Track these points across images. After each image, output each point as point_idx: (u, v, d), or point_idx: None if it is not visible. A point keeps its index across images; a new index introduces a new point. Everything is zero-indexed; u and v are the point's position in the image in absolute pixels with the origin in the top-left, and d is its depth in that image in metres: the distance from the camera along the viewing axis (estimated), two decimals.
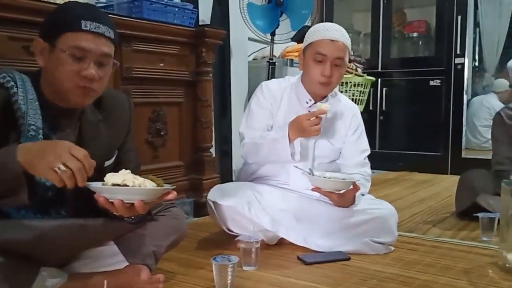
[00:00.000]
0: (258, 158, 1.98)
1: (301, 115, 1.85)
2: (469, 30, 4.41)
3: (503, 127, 2.49)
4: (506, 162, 2.45)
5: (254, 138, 1.95)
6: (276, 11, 3.07)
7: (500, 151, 2.50)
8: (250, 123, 2.01)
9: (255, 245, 1.66)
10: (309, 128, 1.81)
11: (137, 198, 1.19)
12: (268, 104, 2.02)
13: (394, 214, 1.94)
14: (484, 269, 1.72)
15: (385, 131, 4.58)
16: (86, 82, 1.25)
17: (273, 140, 1.89)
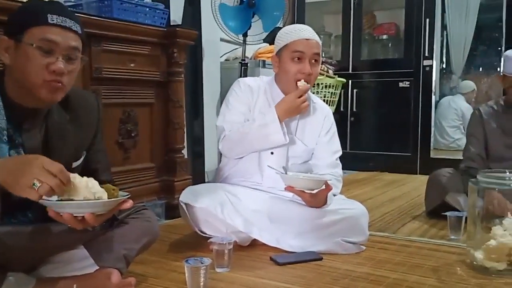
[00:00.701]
0: (242, 147, 1.98)
1: (288, 95, 1.92)
2: (437, 33, 4.51)
3: (480, 124, 2.51)
4: (477, 159, 2.47)
5: (236, 129, 1.95)
6: (248, 12, 3.07)
7: (473, 147, 2.50)
8: (229, 116, 2.00)
9: (228, 246, 1.66)
10: (300, 104, 1.90)
11: (87, 211, 1.17)
12: (246, 98, 2.03)
13: (365, 214, 1.96)
14: (452, 267, 1.76)
15: (356, 132, 4.64)
16: (54, 76, 1.23)
17: (262, 126, 1.91)
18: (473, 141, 2.52)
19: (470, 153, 2.51)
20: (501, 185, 1.74)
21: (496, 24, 5.20)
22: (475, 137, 2.52)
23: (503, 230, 1.67)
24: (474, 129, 2.53)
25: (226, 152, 2.03)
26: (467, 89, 5.46)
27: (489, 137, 2.47)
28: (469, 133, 2.58)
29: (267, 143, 1.95)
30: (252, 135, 1.93)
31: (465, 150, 2.56)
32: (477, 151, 2.49)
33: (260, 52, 3.53)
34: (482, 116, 2.50)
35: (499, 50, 5.12)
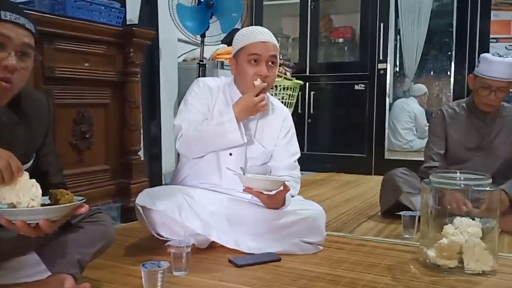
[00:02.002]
0: (199, 146, 1.95)
1: (245, 95, 1.91)
2: (390, 37, 4.64)
3: (442, 125, 2.57)
4: (438, 158, 2.53)
5: (193, 127, 1.93)
6: (206, 13, 3.06)
7: (435, 146, 2.55)
8: (188, 115, 1.98)
9: (186, 249, 1.64)
10: (257, 103, 1.89)
11: (41, 218, 1.13)
12: (205, 98, 2.01)
13: (322, 214, 1.98)
14: (407, 265, 1.80)
15: (313, 133, 4.70)
16: (6, 73, 1.18)
17: (219, 125, 1.89)
18: (435, 141, 2.58)
19: (432, 152, 2.56)
20: (452, 185, 1.80)
21: (446, 29, 5.40)
22: (437, 137, 2.58)
23: (454, 229, 1.73)
24: (437, 129, 2.59)
25: (183, 151, 2.01)
26: (419, 92, 5.65)
27: (449, 138, 2.54)
28: (432, 132, 2.62)
29: (224, 143, 1.94)
30: (209, 134, 1.91)
31: (427, 150, 2.61)
32: (439, 150, 2.55)
33: (219, 53, 3.52)
34: (445, 117, 2.57)
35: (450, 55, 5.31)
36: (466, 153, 2.51)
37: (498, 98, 2.35)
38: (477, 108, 2.48)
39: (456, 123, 2.53)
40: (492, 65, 2.32)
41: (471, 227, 1.71)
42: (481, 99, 2.39)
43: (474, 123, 2.50)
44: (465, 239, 1.70)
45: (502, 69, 2.30)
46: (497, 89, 2.32)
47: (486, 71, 2.33)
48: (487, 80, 2.33)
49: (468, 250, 1.69)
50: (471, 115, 2.51)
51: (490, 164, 2.46)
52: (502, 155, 2.47)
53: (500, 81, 2.31)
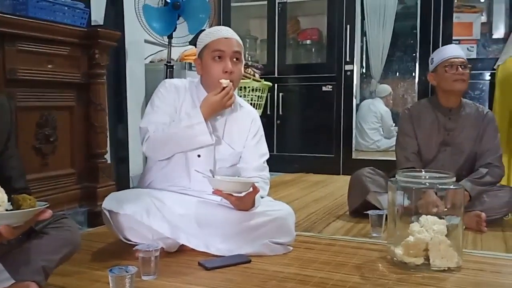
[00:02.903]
0: (167, 148, 1.93)
1: (210, 93, 1.91)
2: (357, 39, 4.70)
3: (411, 122, 2.62)
4: (412, 157, 2.57)
5: (160, 130, 1.90)
6: (173, 14, 3.03)
7: (408, 145, 2.59)
8: (154, 117, 1.95)
9: (154, 253, 1.62)
10: (222, 99, 1.88)
11: (2, 223, 1.10)
12: (172, 99, 1.99)
13: (292, 214, 1.99)
14: (375, 264, 1.83)
15: (282, 134, 4.72)
16: None
17: (188, 127, 1.87)
18: (407, 140, 2.61)
19: (406, 153, 2.59)
20: (417, 184, 1.84)
21: (411, 31, 5.52)
22: (408, 136, 2.61)
23: (420, 227, 1.77)
24: (406, 128, 2.63)
25: (150, 154, 1.98)
26: (384, 93, 5.75)
27: (418, 136, 2.60)
28: (402, 132, 2.65)
29: (194, 144, 1.93)
30: (178, 136, 1.89)
31: (400, 151, 2.63)
32: (413, 149, 2.59)
33: (186, 55, 3.50)
34: (412, 116, 2.63)
35: (414, 56, 5.43)
36: (433, 150, 2.57)
37: (466, 73, 2.47)
38: (441, 105, 2.56)
39: (423, 121, 2.59)
40: (446, 48, 2.58)
41: (436, 225, 1.75)
42: (452, 77, 2.47)
43: (439, 120, 2.57)
44: (431, 236, 1.73)
45: (456, 49, 2.56)
46: (461, 63, 2.47)
47: (444, 55, 2.51)
48: (449, 60, 2.49)
49: (433, 248, 1.73)
50: (436, 112, 2.57)
51: (456, 159, 2.55)
52: (467, 150, 2.55)
53: (459, 57, 2.49)
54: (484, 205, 2.39)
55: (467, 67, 2.49)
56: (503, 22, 4.59)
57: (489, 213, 2.36)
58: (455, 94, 2.52)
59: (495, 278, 1.68)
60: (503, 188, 2.53)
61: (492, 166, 2.48)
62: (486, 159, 2.50)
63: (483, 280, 1.66)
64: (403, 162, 2.58)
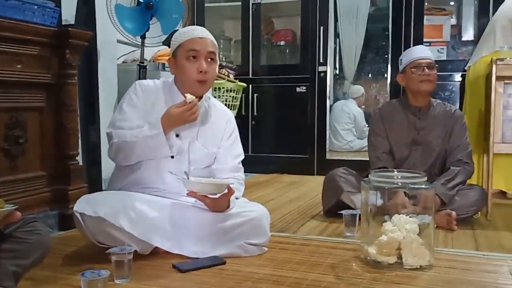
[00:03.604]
0: (129, 157, 1.90)
1: (173, 107, 1.87)
2: (330, 40, 4.75)
3: (382, 122, 2.67)
4: (384, 157, 2.61)
5: (123, 137, 1.88)
6: (146, 14, 3.00)
7: (379, 145, 2.63)
8: (120, 123, 1.93)
9: (128, 256, 1.60)
10: (183, 114, 1.85)
11: None
12: (141, 103, 1.97)
13: (267, 215, 1.99)
14: (349, 263, 1.85)
15: (257, 135, 4.73)
16: None
17: (147, 137, 1.85)
18: (379, 140, 2.66)
19: (378, 152, 2.63)
20: (390, 183, 1.86)
21: (383, 33, 5.60)
22: (380, 136, 2.66)
23: (393, 226, 1.79)
24: (378, 128, 2.68)
25: (115, 160, 1.97)
26: (357, 94, 5.82)
27: (389, 136, 2.64)
28: (374, 133, 2.70)
29: (153, 154, 1.91)
30: (138, 146, 1.86)
31: (372, 151, 2.67)
32: (385, 149, 2.64)
33: (160, 55, 3.47)
34: (383, 116, 2.67)
35: (386, 57, 5.49)
36: (405, 149, 2.62)
37: (432, 74, 2.54)
38: (411, 105, 2.62)
39: (393, 121, 2.64)
40: (414, 50, 2.64)
41: (408, 224, 1.78)
42: (419, 78, 2.53)
43: (409, 119, 2.62)
44: (403, 235, 1.76)
45: (423, 50, 2.63)
46: (427, 65, 2.53)
47: (412, 56, 2.58)
48: (416, 61, 2.54)
49: (406, 246, 1.76)
50: (406, 112, 2.63)
51: (427, 158, 2.61)
52: (437, 148, 2.61)
53: (426, 58, 2.55)
54: (455, 204, 2.44)
55: (434, 67, 2.55)
56: (472, 24, 4.70)
57: (460, 212, 2.41)
58: (422, 95, 2.58)
59: (465, 276, 1.72)
60: (473, 188, 2.59)
61: (462, 163, 2.54)
62: (456, 156, 2.56)
63: (454, 278, 1.69)
64: (375, 162, 2.62)
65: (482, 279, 1.69)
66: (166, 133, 1.85)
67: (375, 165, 2.59)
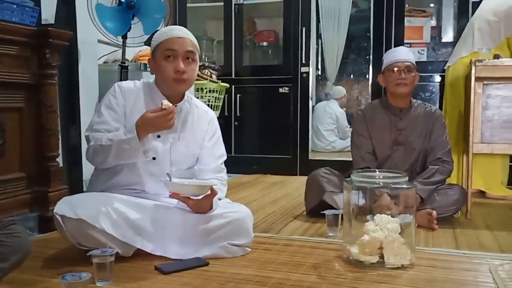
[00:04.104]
0: (106, 161, 1.87)
1: (148, 112, 1.81)
2: (312, 41, 4.77)
3: (365, 123, 2.69)
4: (367, 157, 2.64)
5: (100, 140, 1.85)
6: (127, 14, 2.97)
7: (362, 145, 2.66)
8: (97, 126, 1.90)
9: (109, 258, 1.58)
10: (157, 119, 1.78)
11: None
12: (120, 106, 1.94)
13: (250, 216, 1.99)
14: (331, 263, 1.86)
15: (240, 136, 4.73)
16: None
17: (122, 141, 1.81)
18: (361, 140, 2.68)
19: (361, 152, 2.66)
20: (372, 183, 1.88)
21: (364, 34, 5.65)
22: (363, 136, 2.68)
23: (375, 226, 1.81)
24: (361, 129, 2.70)
25: (93, 164, 1.95)
26: (339, 95, 5.86)
27: (372, 136, 2.66)
28: (357, 133, 2.72)
29: (127, 159, 1.87)
30: (114, 150, 1.83)
31: (355, 151, 2.69)
32: (368, 149, 2.66)
33: (141, 55, 3.44)
34: (366, 116, 2.70)
35: (368, 59, 5.56)
36: (387, 149, 2.65)
37: (409, 78, 2.56)
38: (392, 106, 2.64)
39: (376, 121, 2.67)
40: (395, 51, 2.65)
41: (390, 224, 1.80)
42: (395, 81, 2.57)
43: (391, 120, 2.65)
44: (385, 235, 1.77)
45: (404, 52, 2.63)
46: (405, 68, 2.55)
47: (392, 58, 2.60)
48: (395, 64, 2.57)
49: (388, 246, 1.77)
50: (388, 112, 2.66)
51: (408, 157, 2.65)
52: (418, 148, 2.64)
53: (405, 61, 2.56)
54: (435, 203, 2.48)
55: (412, 70, 2.57)
56: (451, 26, 4.77)
57: (440, 211, 2.44)
58: (399, 97, 2.61)
59: (446, 274, 1.74)
60: (453, 187, 2.63)
61: (441, 161, 2.58)
62: (436, 154, 2.60)
63: (435, 276, 1.71)
64: (358, 162, 2.64)
65: (463, 277, 1.72)
66: (140, 137, 1.80)
67: (359, 165, 2.62)
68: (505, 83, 2.66)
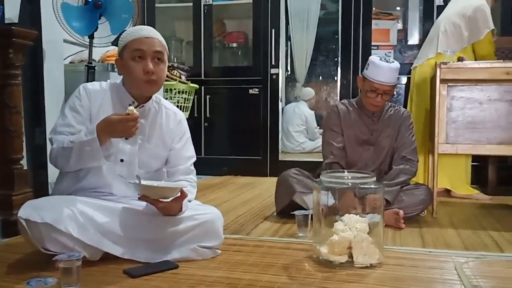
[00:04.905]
0: (68, 164, 1.83)
1: (111, 116, 1.76)
2: (282, 43, 4.80)
3: (338, 119, 2.71)
4: (337, 152, 2.66)
5: (62, 143, 1.81)
6: (94, 13, 2.92)
7: (333, 140, 2.68)
8: (61, 128, 1.86)
9: (76, 263, 1.54)
10: (118, 124, 1.73)
11: None
12: (85, 108, 1.90)
13: (220, 217, 1.98)
14: (301, 263, 1.87)
15: (210, 137, 4.71)
16: None
17: (82, 143, 1.76)
18: (333, 135, 2.70)
19: (332, 147, 2.68)
20: (341, 184, 1.90)
21: (333, 36, 5.71)
22: (335, 131, 2.71)
23: (344, 225, 1.83)
24: (333, 124, 2.72)
25: (57, 167, 1.90)
26: (308, 96, 5.92)
27: (344, 134, 2.70)
28: (329, 128, 2.73)
29: (89, 162, 1.82)
30: (75, 152, 1.78)
31: (326, 146, 2.71)
32: (338, 144, 2.69)
33: (109, 55, 3.39)
34: (339, 113, 2.72)
35: (336, 60, 5.63)
36: (357, 148, 2.70)
37: (383, 100, 2.58)
38: (366, 108, 2.67)
39: (348, 119, 2.70)
40: (380, 70, 2.52)
41: (359, 223, 1.82)
42: (369, 100, 2.59)
43: (364, 120, 2.69)
44: (354, 234, 1.80)
45: (388, 74, 2.52)
46: (383, 92, 2.54)
47: (374, 76, 2.53)
48: (375, 84, 2.53)
49: (356, 245, 1.79)
50: (361, 113, 2.70)
51: (377, 157, 2.70)
52: (386, 147, 2.70)
53: (386, 85, 2.52)
54: (402, 203, 2.53)
55: (389, 93, 2.57)
56: (417, 29, 4.88)
57: (407, 210, 2.50)
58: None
59: (413, 272, 1.78)
60: (419, 187, 2.69)
61: (406, 160, 2.65)
62: (401, 153, 2.67)
63: (402, 275, 1.75)
64: (328, 157, 2.68)
65: (429, 275, 1.75)
66: (101, 140, 1.75)
67: (328, 159, 2.66)
68: (469, 85, 2.73)
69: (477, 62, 2.80)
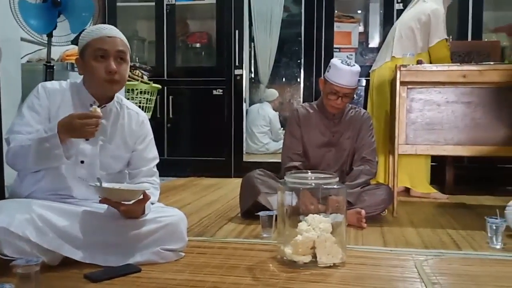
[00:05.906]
0: (26, 163, 1.77)
1: (73, 114, 1.72)
2: (245, 44, 4.80)
3: (298, 124, 2.75)
4: (294, 158, 2.71)
5: (20, 142, 1.75)
6: (53, 12, 2.84)
7: (292, 146, 2.73)
8: (18, 127, 1.80)
9: (34, 268, 1.49)
10: (81, 128, 1.68)
11: None
12: (43, 107, 1.84)
13: (184, 219, 1.96)
14: (266, 264, 1.87)
15: (173, 138, 4.66)
16: None
17: (42, 139, 1.70)
18: (292, 141, 2.75)
19: (289, 153, 2.73)
20: (304, 184, 1.92)
21: (296, 38, 5.74)
22: (294, 137, 2.75)
23: (307, 226, 1.84)
24: (293, 130, 2.76)
25: (14, 167, 1.84)
26: (272, 97, 5.95)
27: (304, 137, 2.73)
28: (289, 133, 2.78)
29: (49, 162, 1.76)
30: (33, 150, 1.72)
31: (285, 151, 2.76)
32: (297, 150, 2.73)
33: (68, 54, 3.31)
34: (299, 117, 2.75)
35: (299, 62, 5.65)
36: (319, 150, 2.74)
37: (344, 102, 2.62)
38: (327, 110, 2.70)
39: (310, 122, 2.74)
40: (340, 73, 2.55)
41: (322, 223, 1.84)
42: (329, 102, 2.63)
43: (325, 123, 2.73)
44: (318, 234, 1.81)
45: (349, 78, 2.56)
46: (344, 94, 2.58)
47: (335, 78, 2.56)
48: (335, 87, 2.56)
49: (320, 245, 1.81)
50: (322, 115, 2.73)
51: (339, 158, 2.76)
52: (348, 148, 2.76)
53: (347, 88, 2.56)
54: (364, 202, 2.57)
55: (349, 95, 2.61)
56: (378, 32, 4.97)
57: (368, 210, 2.54)
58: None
59: (375, 271, 1.81)
60: (380, 187, 2.74)
61: (366, 160, 2.71)
62: (361, 154, 2.73)
63: (365, 274, 1.77)
64: (286, 162, 2.73)
65: (390, 273, 1.79)
66: (62, 139, 1.69)
67: (285, 164, 2.70)
68: (427, 87, 2.81)
69: (435, 65, 2.88)
